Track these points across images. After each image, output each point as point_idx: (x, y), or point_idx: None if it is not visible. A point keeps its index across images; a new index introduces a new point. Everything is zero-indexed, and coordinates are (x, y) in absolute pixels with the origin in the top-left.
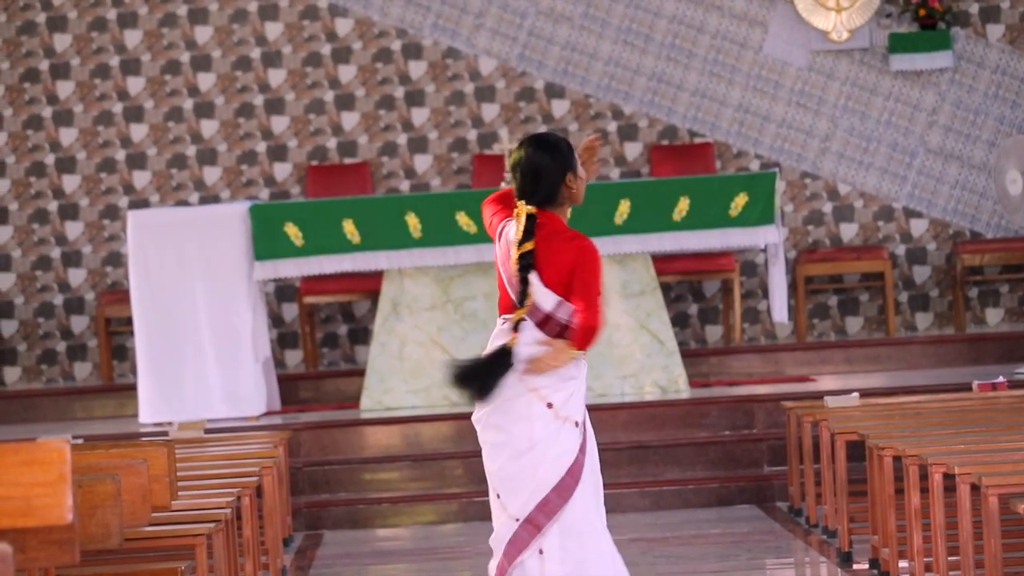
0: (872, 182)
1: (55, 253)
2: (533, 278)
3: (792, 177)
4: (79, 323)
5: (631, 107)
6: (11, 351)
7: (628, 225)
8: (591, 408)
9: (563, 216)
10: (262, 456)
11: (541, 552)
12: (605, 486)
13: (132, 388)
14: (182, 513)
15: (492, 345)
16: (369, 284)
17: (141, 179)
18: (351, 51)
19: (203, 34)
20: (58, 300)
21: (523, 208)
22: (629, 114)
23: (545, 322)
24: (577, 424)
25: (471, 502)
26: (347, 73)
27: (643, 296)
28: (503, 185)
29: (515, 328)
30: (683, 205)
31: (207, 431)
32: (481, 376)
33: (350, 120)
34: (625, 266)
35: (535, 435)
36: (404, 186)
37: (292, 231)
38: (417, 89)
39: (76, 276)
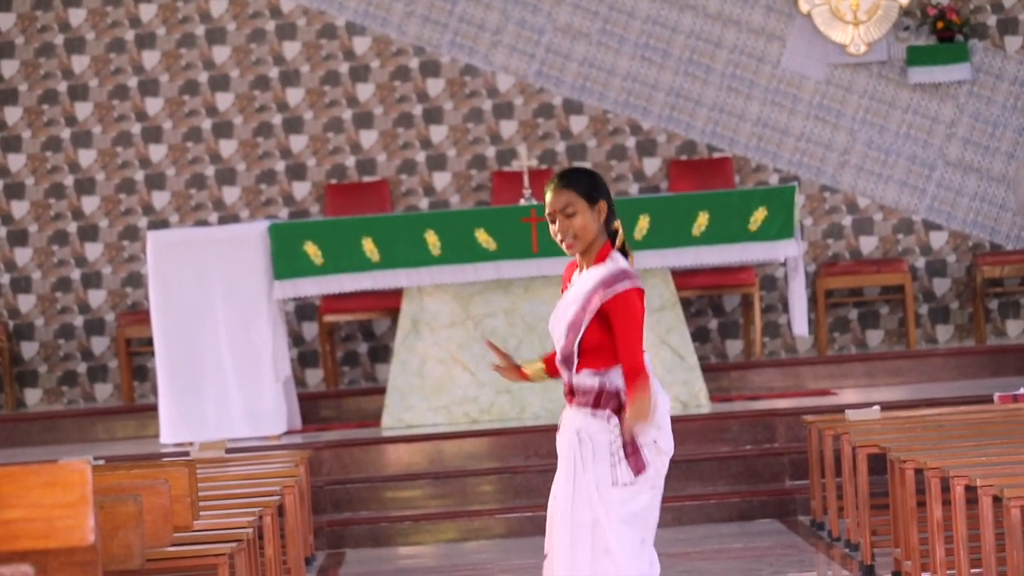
0: (891, 195)
1: (75, 274)
2: None
3: (811, 191)
4: (99, 344)
5: (649, 122)
6: (32, 373)
7: (647, 240)
8: None
9: None
10: (283, 475)
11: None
12: None
13: (153, 408)
14: (204, 533)
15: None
16: (389, 302)
17: (160, 199)
18: (369, 69)
19: (221, 54)
20: (78, 321)
21: None
22: (647, 129)
23: None
24: None
25: (493, 519)
26: (365, 91)
27: (663, 311)
28: (522, 202)
29: None
30: (702, 220)
31: (228, 451)
32: None
33: (368, 138)
34: (645, 282)
35: None
36: (423, 203)
37: (311, 250)
38: (435, 106)
39: (96, 297)
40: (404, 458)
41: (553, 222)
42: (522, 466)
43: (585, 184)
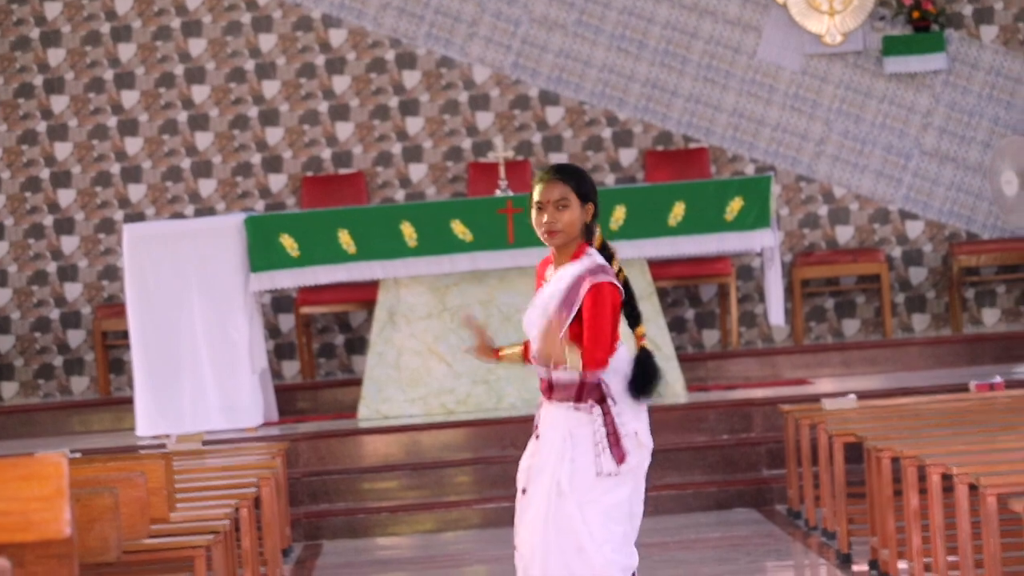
0: (867, 184)
1: (51, 268)
2: None
3: (787, 180)
4: (76, 337)
5: (625, 113)
6: (8, 366)
7: (624, 231)
8: None
9: None
10: (260, 467)
11: None
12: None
13: (129, 401)
14: (181, 525)
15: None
16: (365, 294)
17: (136, 192)
18: (345, 62)
19: (197, 47)
20: (54, 314)
21: None
22: (623, 120)
23: None
24: None
25: (470, 510)
26: (341, 84)
27: (640, 302)
28: (498, 193)
29: None
30: (678, 210)
31: (205, 443)
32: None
33: (344, 130)
34: None
35: None
36: (399, 195)
37: (287, 242)
38: (411, 98)
39: (72, 290)
40: (381, 449)
41: (540, 211)
42: (499, 457)
43: (581, 182)
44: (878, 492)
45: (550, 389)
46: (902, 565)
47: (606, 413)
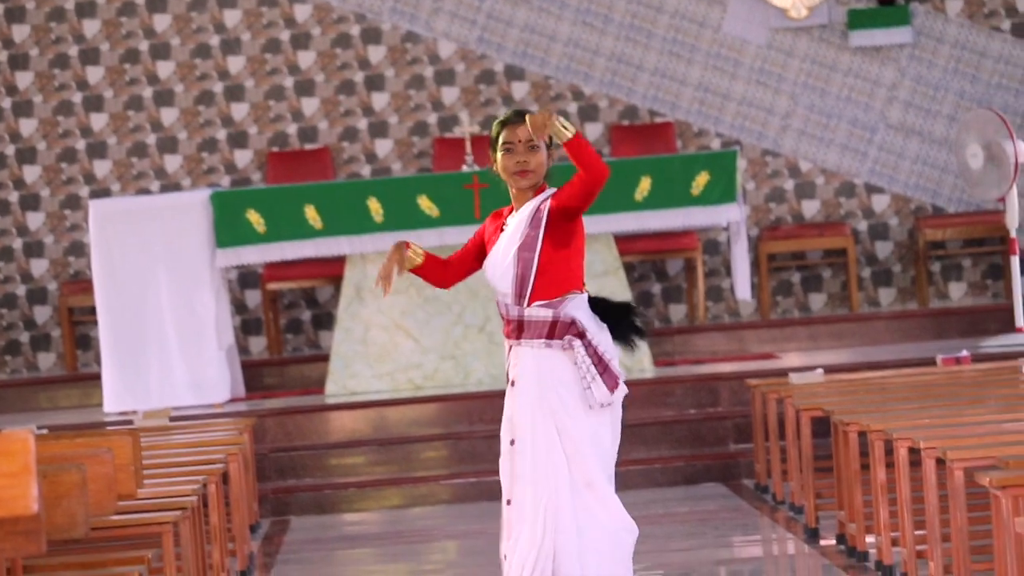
0: (833, 158)
1: (17, 244)
2: None
3: (753, 155)
4: (42, 313)
5: (591, 88)
6: None
7: (590, 206)
8: None
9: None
10: (227, 443)
11: None
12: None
13: (96, 377)
14: (148, 502)
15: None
16: (332, 269)
17: (102, 168)
18: (310, 37)
19: (162, 22)
20: (21, 291)
21: None
22: (589, 95)
23: None
24: None
25: (438, 485)
26: (306, 59)
27: (606, 276)
28: (464, 168)
29: None
30: (645, 185)
31: (172, 419)
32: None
33: (310, 106)
34: (588, 247)
35: None
36: (365, 171)
37: (254, 218)
38: (377, 73)
39: (38, 266)
40: (348, 425)
41: (509, 152)
42: (466, 432)
43: None
44: (845, 466)
45: (519, 329)
46: (869, 539)
47: (587, 344)
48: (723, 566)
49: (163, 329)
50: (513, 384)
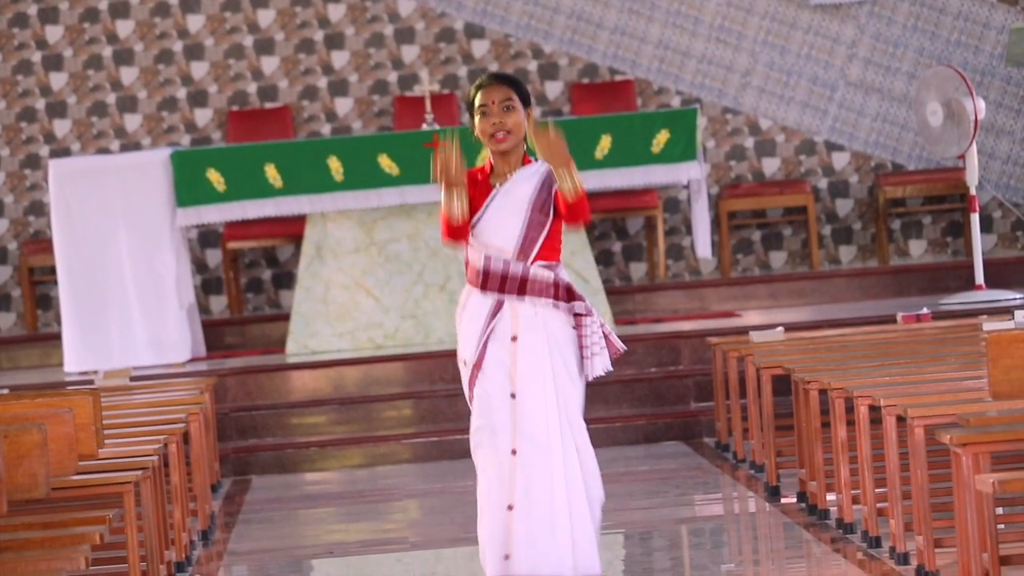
0: (793, 116)
1: None
2: None
3: (713, 113)
4: (2, 273)
5: (551, 46)
6: None
7: None
8: None
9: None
10: (188, 403)
11: None
12: None
13: (57, 337)
14: (109, 461)
15: None
16: (292, 228)
17: (62, 128)
18: None
19: None
20: None
21: None
22: (549, 53)
23: None
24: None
25: (400, 444)
26: (266, 17)
27: (567, 234)
28: (424, 127)
29: None
30: (605, 143)
31: (133, 379)
32: None
33: (270, 64)
34: None
35: None
36: (325, 130)
37: (214, 177)
38: (336, 32)
39: None
40: (309, 384)
41: (485, 115)
42: (428, 391)
43: (520, 86)
44: (806, 424)
45: (521, 286)
46: (830, 497)
47: (595, 320)
48: (684, 524)
49: (124, 288)
50: (515, 339)
